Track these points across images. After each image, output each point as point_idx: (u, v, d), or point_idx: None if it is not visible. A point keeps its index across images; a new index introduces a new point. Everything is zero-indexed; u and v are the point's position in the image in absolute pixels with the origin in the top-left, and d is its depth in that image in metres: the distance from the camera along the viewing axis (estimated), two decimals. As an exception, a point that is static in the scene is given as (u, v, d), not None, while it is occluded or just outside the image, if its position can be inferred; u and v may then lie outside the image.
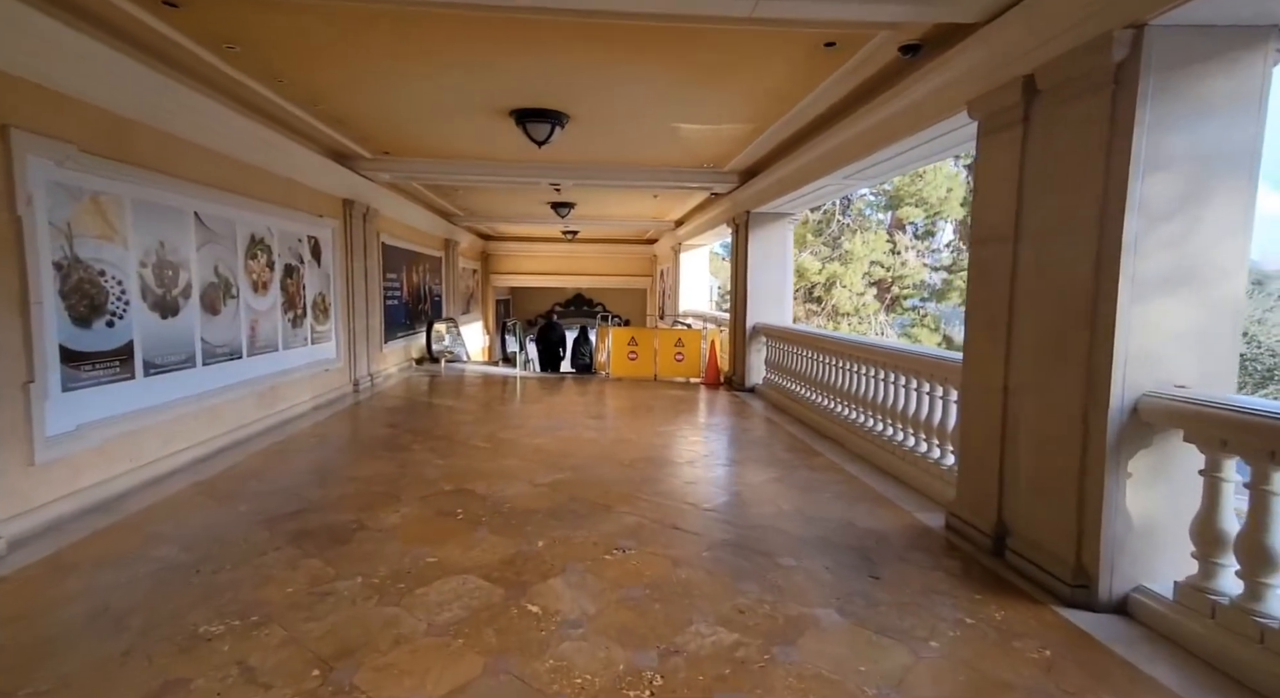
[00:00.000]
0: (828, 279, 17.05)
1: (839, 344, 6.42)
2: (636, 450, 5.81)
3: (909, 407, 4.98)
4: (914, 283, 17.25)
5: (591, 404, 8.23)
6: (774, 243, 9.15)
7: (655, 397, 8.79)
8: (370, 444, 5.94)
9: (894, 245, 17.28)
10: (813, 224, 18.17)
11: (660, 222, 15.29)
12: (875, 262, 16.92)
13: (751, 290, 9.14)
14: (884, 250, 16.90)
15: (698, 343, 10.38)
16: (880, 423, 5.52)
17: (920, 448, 4.83)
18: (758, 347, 9.20)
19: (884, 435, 5.35)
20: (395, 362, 10.99)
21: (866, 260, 16.73)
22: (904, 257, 17.39)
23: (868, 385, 5.76)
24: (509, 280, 21.53)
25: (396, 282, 11.04)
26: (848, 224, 17.50)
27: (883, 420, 5.47)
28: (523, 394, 9.01)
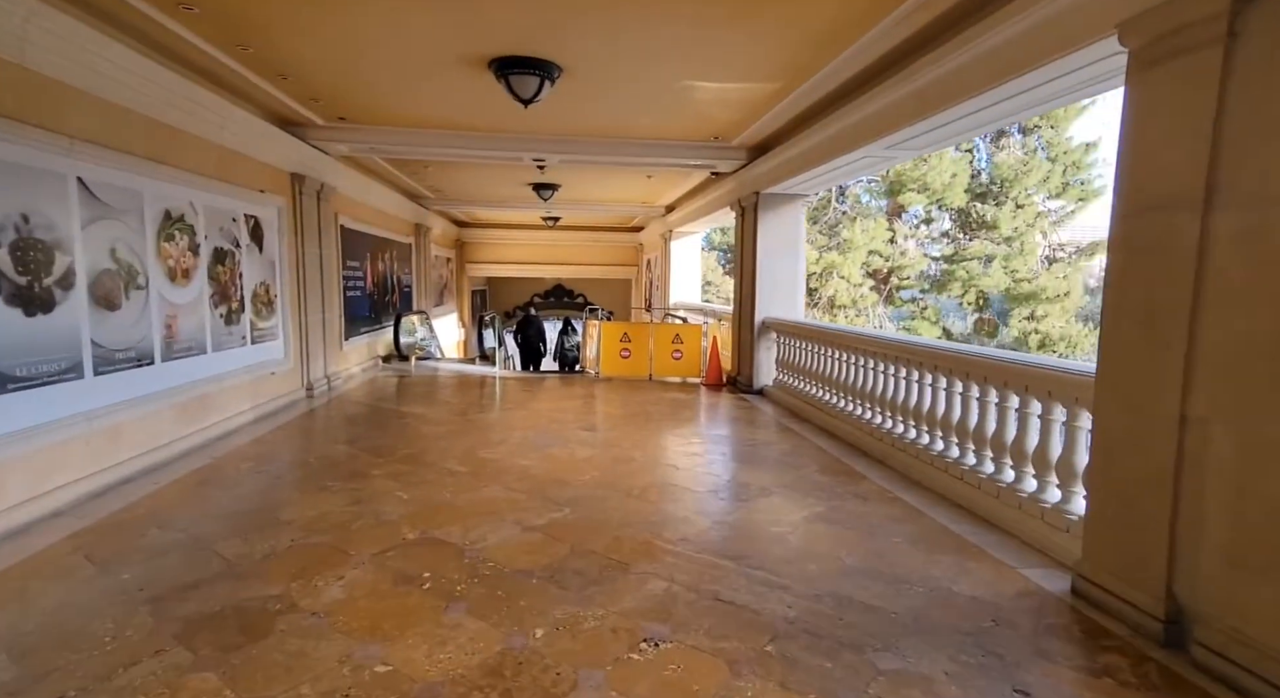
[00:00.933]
0: (824, 269, 16.20)
1: (884, 345, 5.47)
2: (644, 474, 4.81)
3: (1000, 430, 4.02)
4: (914, 273, 16.49)
5: (583, 410, 7.20)
6: (786, 228, 8.19)
7: (653, 401, 7.80)
8: (319, 469, 4.84)
9: (893, 234, 16.48)
10: (808, 211, 17.33)
11: (650, 207, 14.24)
12: (873, 251, 16.10)
13: (761, 281, 8.17)
14: (884, 239, 16.07)
15: (697, 340, 9.40)
16: (949, 444, 4.58)
17: (1012, 480, 3.89)
18: (767, 344, 8.25)
19: (955, 459, 4.42)
20: (358, 360, 9.82)
21: (865, 249, 15.89)
22: (903, 246, 16.60)
23: (926, 396, 4.82)
24: (486, 270, 20.32)
25: (359, 271, 9.85)
26: (845, 211, 16.66)
27: (955, 442, 4.52)
28: (504, 398, 7.95)
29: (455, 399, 7.83)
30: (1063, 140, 15.21)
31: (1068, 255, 15.29)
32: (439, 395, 8.07)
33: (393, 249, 11.75)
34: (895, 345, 5.30)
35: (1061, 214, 15.43)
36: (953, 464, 4.37)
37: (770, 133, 7.22)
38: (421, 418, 6.65)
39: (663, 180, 10.59)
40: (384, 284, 11.24)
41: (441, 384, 9.00)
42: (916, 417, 4.92)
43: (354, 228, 9.52)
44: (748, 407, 7.56)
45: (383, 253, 11.13)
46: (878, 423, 5.50)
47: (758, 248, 8.14)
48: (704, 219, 11.87)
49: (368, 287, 10.28)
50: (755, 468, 5.02)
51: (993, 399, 4.13)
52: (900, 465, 4.91)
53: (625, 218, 17.22)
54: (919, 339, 5.44)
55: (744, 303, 8.64)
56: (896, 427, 5.21)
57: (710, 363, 9.14)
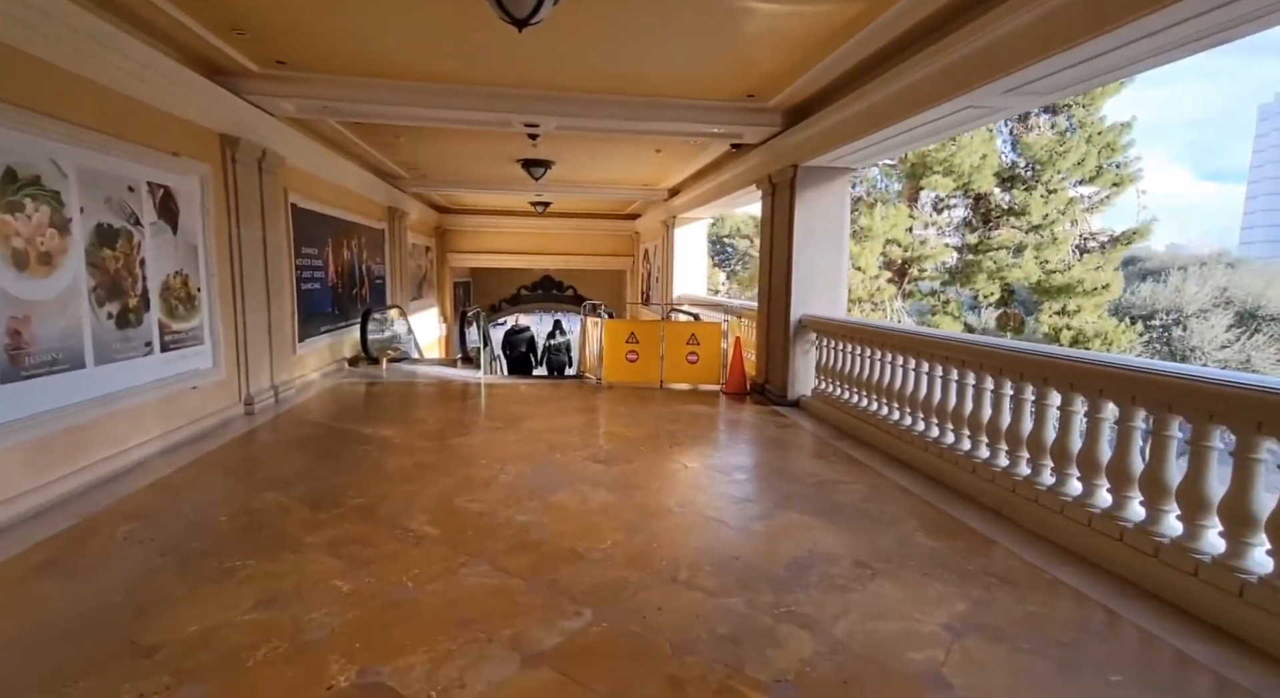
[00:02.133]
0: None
1: (989, 354, 4.14)
2: (686, 537, 3.48)
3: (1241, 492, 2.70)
4: (936, 265, 15.26)
5: (588, 430, 5.84)
6: (830, 208, 6.85)
7: (670, 416, 6.46)
8: (228, 536, 3.44)
9: (913, 221, 15.22)
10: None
11: (651, 190, 12.85)
12: (891, 240, 14.85)
13: (798, 273, 6.84)
14: (904, 227, 14.80)
15: (716, 340, 8.06)
16: (1122, 498, 3.27)
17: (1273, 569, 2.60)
18: (805, 347, 6.93)
19: (1140, 524, 3.12)
20: (318, 364, 8.36)
21: (883, 238, 14.61)
22: (923, 234, 15.34)
23: (1076, 428, 3.51)
24: (469, 260, 18.82)
25: (318, 259, 8.37)
26: (861, 197, 15.36)
27: (1139, 500, 3.21)
28: (491, 413, 6.56)
29: (431, 415, 6.42)
30: (1095, 120, 14.03)
31: (1100, 245, 14.16)
32: (411, 409, 6.66)
33: (361, 235, 10.27)
34: (1007, 354, 3.99)
35: (1095, 200, 14.27)
36: (1139, 531, 3.08)
37: (818, 90, 5.87)
38: (386, 444, 5.24)
39: (672, 156, 9.19)
40: (350, 275, 9.76)
41: (416, 393, 7.58)
42: (1058, 457, 3.62)
43: (311, 209, 8.03)
44: (785, 423, 6.24)
45: (349, 239, 9.65)
46: (984, 458, 4.21)
47: (794, 233, 6.79)
48: (716, 203, 10.51)
49: (329, 278, 8.81)
50: (834, 524, 3.70)
51: (1176, 433, 2.87)
52: (1034, 522, 3.62)
53: (622, 204, 15.82)
54: (1053, 349, 4.13)
55: (774, 298, 7.30)
56: (1018, 465, 3.91)
57: (733, 368, 7.81)
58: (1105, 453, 3.33)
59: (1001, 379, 4.09)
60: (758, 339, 7.90)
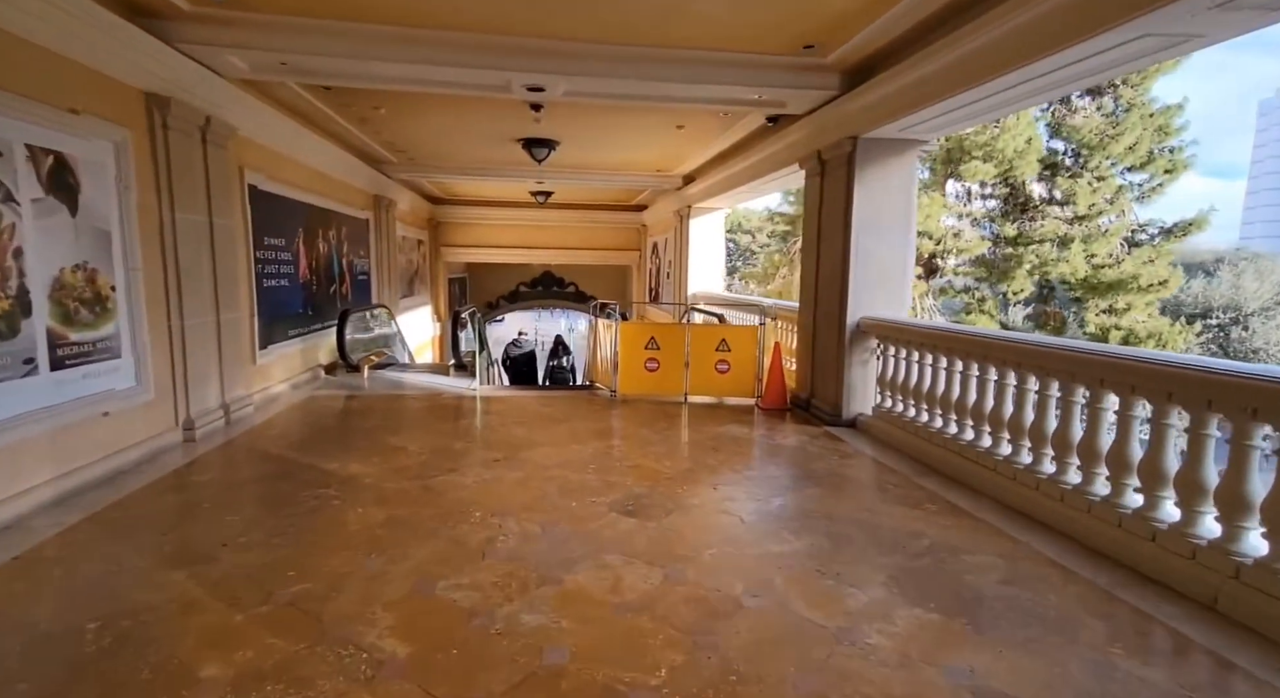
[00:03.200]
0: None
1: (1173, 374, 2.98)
2: (784, 667, 2.33)
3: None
4: (969, 258, 14.07)
5: (608, 465, 4.68)
6: (895, 190, 5.70)
7: (708, 441, 5.32)
8: (81, 669, 2.30)
9: (945, 211, 14.04)
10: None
11: (665, 176, 11.68)
12: (923, 232, 13.68)
13: (856, 267, 5.69)
14: (938, 217, 13.62)
15: (751, 347, 6.91)
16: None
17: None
18: (864, 356, 5.79)
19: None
20: (286, 374, 7.20)
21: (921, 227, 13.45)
22: (956, 226, 14.15)
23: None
24: (465, 255, 17.65)
25: (286, 251, 7.20)
26: None
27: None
28: (486, 438, 5.40)
29: (414, 440, 5.26)
30: (1145, 102, 12.86)
31: (1150, 237, 13.01)
32: (391, 432, 5.50)
33: (341, 226, 9.09)
34: (1193, 374, 2.82)
35: (1146, 188, 13.11)
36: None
37: (895, 38, 4.71)
38: (352, 487, 4.09)
39: (697, 132, 8.00)
40: (328, 270, 8.59)
41: (399, 409, 6.42)
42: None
43: (276, 192, 6.86)
44: (846, 451, 5.10)
45: (325, 229, 8.48)
46: (1168, 520, 3.07)
47: (852, 219, 5.64)
48: (742, 189, 9.33)
49: (301, 273, 7.64)
50: (985, 635, 2.55)
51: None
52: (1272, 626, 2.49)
53: (629, 193, 14.65)
54: (1252, 368, 2.98)
55: (823, 297, 6.16)
56: (1240, 537, 2.77)
57: (771, 379, 6.66)
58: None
59: (1167, 407, 2.96)
60: (800, 346, 6.76)
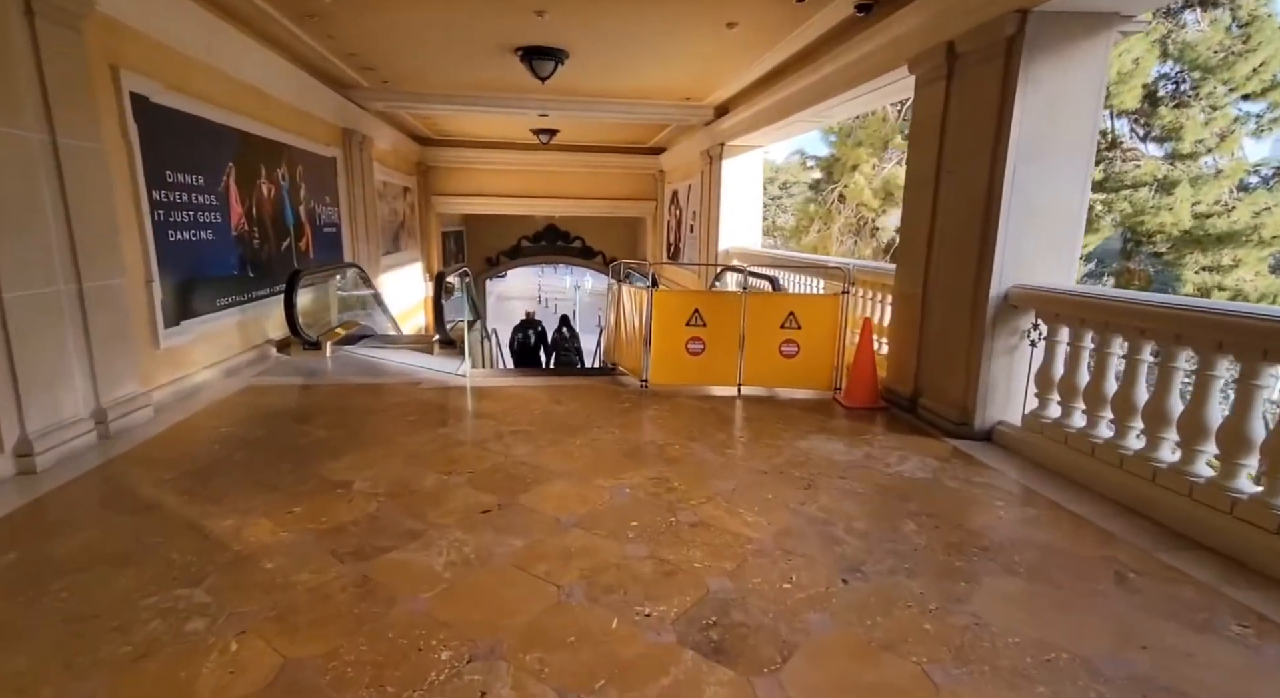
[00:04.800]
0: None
1: None
2: None
3: None
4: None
5: (659, 519, 3.01)
6: (1077, 95, 3.82)
7: (792, 467, 3.66)
8: None
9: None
10: (889, 116, 12.48)
11: (694, 107, 9.69)
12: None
13: (1012, 212, 3.88)
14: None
15: (830, 323, 5.16)
16: None
17: None
18: (1011, 340, 4.06)
19: None
20: (215, 356, 5.50)
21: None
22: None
23: None
24: (460, 205, 15.70)
25: (208, 193, 5.40)
26: None
27: None
28: (471, 463, 3.71)
29: (365, 469, 3.60)
30: (1269, 15, 10.59)
31: (1264, 180, 10.98)
32: (335, 452, 3.83)
33: (296, 164, 7.25)
34: None
35: (1263, 121, 10.94)
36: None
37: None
38: (234, 586, 2.44)
39: (755, 29, 5.98)
40: (277, 220, 6.80)
41: (358, 411, 4.74)
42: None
43: (185, 110, 5.03)
44: (1005, 490, 3.43)
45: (272, 167, 6.64)
46: None
47: (1009, 141, 3.80)
48: (796, 117, 7.38)
49: (235, 223, 5.86)
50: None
51: None
52: None
53: (647, 131, 12.63)
54: None
55: (940, 257, 4.40)
56: None
57: (860, 368, 4.95)
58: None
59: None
60: (897, 325, 5.01)
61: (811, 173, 17.61)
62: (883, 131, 12.66)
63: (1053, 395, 3.82)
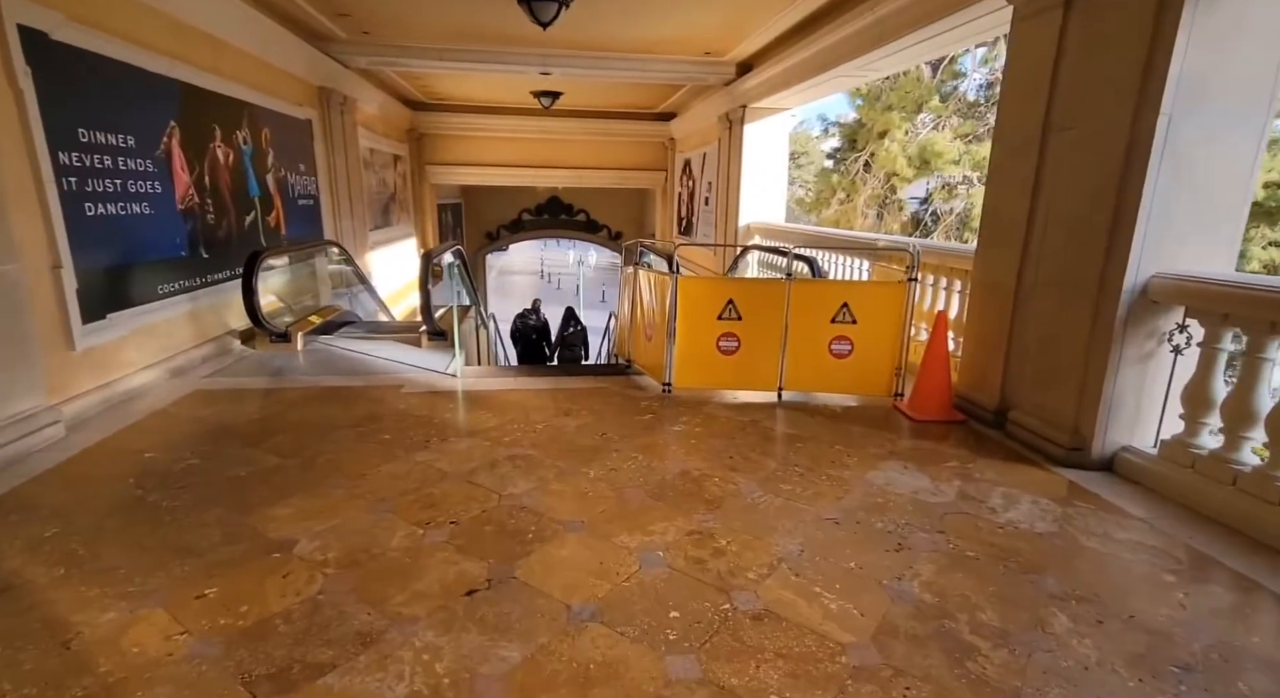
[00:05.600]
0: (973, 169, 10.67)
1: None
2: None
3: None
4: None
5: (707, 606, 2.18)
6: (1255, 27, 2.89)
7: (867, 511, 2.82)
8: None
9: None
10: (939, 83, 11.38)
11: (713, 62, 8.66)
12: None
13: (1160, 180, 2.96)
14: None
15: (894, 316, 4.26)
16: None
17: None
18: (1148, 345, 3.17)
19: None
20: (156, 354, 4.63)
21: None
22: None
23: None
24: (456, 175, 14.68)
25: (143, 158, 4.47)
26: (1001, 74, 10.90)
27: None
28: (458, 511, 2.88)
29: (315, 519, 2.76)
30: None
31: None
32: (282, 491, 2.98)
33: (261, 126, 6.29)
34: None
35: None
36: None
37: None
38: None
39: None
40: (237, 191, 5.87)
41: (320, 427, 3.88)
42: None
43: (104, 53, 4.08)
44: (1150, 544, 2.59)
45: (229, 128, 5.70)
46: None
47: (1166, 83, 2.86)
48: (836, 71, 6.38)
49: (180, 194, 4.94)
50: None
51: None
52: None
53: (658, 94, 11.56)
54: None
55: (1043, 237, 3.49)
56: None
57: (932, 372, 4.07)
58: None
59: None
60: (978, 318, 4.12)
61: (828, 140, 16.47)
62: (916, 93, 11.61)
63: (1210, 418, 2.95)
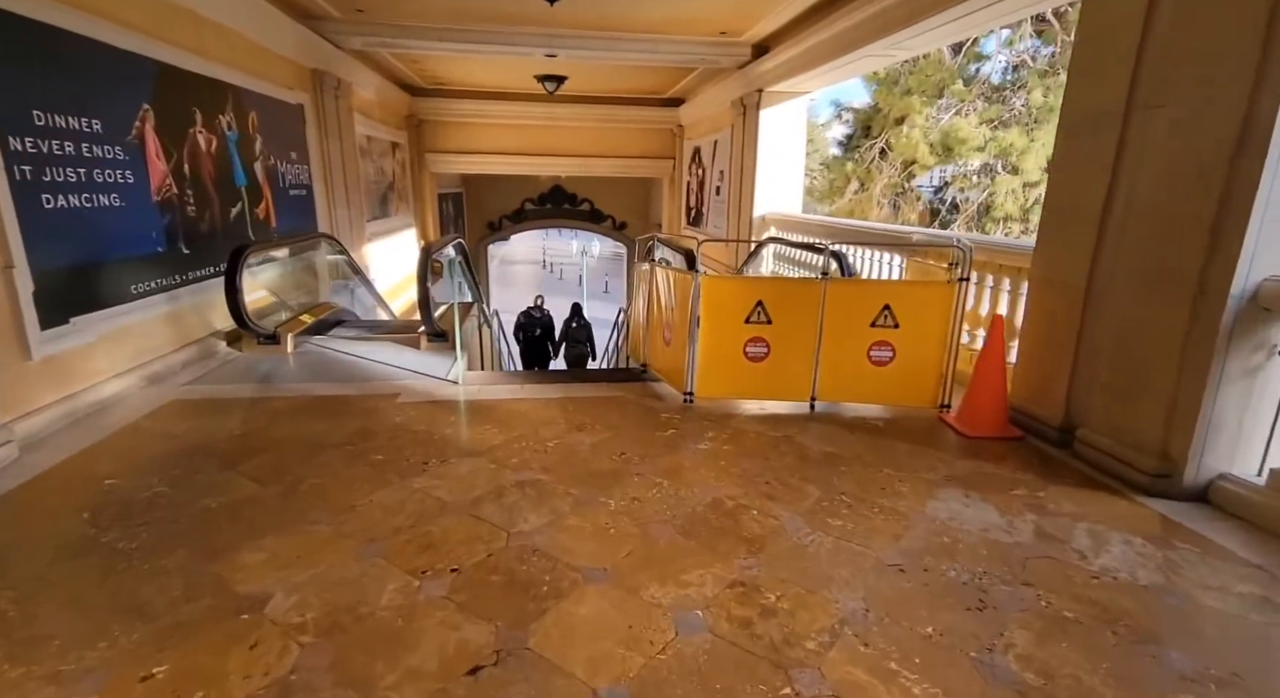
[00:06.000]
0: (999, 156, 10.16)
1: None
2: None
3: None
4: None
5: (752, 663, 1.78)
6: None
7: (935, 552, 2.41)
8: None
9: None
10: (961, 66, 10.94)
11: (728, 43, 8.18)
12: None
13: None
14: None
15: (940, 319, 3.84)
16: None
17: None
18: (1254, 359, 2.75)
19: None
20: (130, 361, 4.23)
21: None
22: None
23: None
24: (456, 164, 14.22)
25: (112, 144, 4.05)
26: (1033, 55, 10.17)
27: None
28: (460, 554, 2.48)
29: (300, 561, 2.37)
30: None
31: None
32: (258, 528, 2.60)
33: (247, 109, 5.86)
34: None
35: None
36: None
37: None
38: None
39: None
40: (222, 181, 5.45)
41: (309, 443, 3.49)
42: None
43: (67, 27, 3.66)
44: (1275, 601, 2.19)
45: (213, 113, 5.27)
46: None
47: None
48: (880, 43, 5.90)
49: (155, 185, 4.52)
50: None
51: None
52: None
53: (666, 79, 11.07)
54: None
55: (1121, 231, 3.07)
56: None
57: (987, 382, 3.65)
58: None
59: None
60: (1037, 322, 3.69)
61: (836, 127, 15.94)
62: (938, 77, 11.10)
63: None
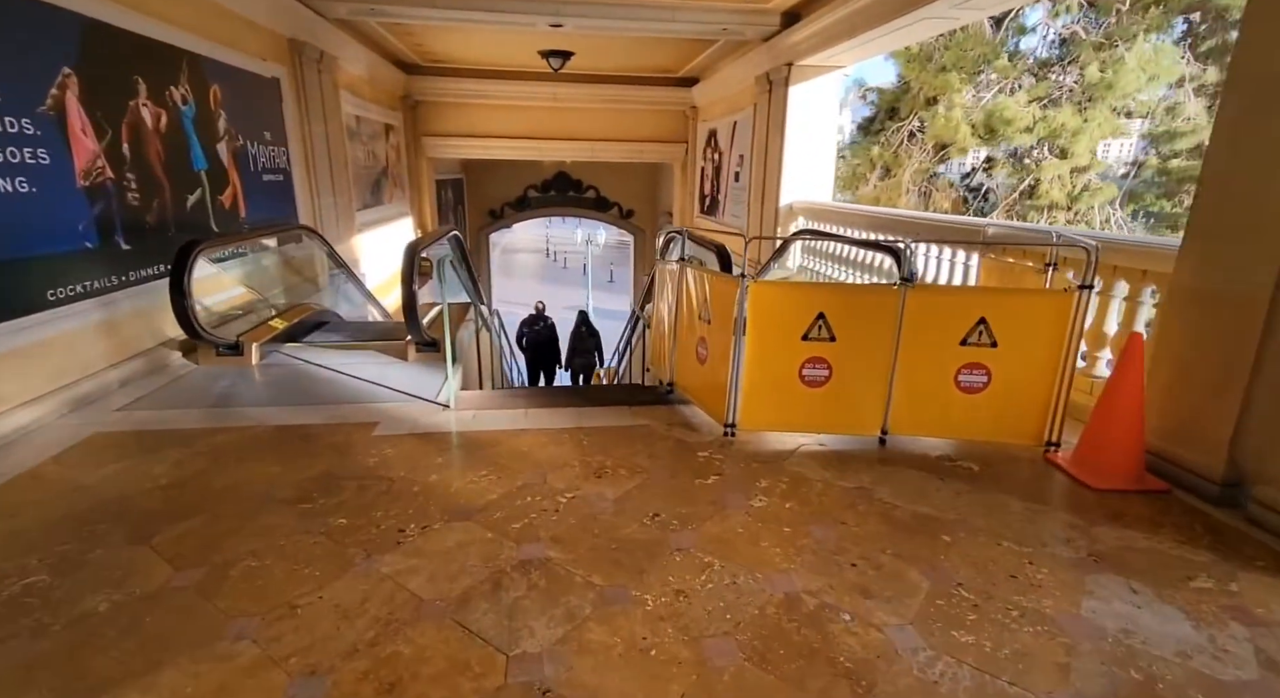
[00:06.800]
0: (1046, 137, 9.28)
1: None
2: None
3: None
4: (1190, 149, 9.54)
5: None
6: None
7: (1106, 688, 1.66)
8: None
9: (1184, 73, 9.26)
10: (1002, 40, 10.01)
11: (753, 11, 7.31)
12: (1120, 107, 9.11)
13: None
14: (1170, 79, 8.94)
15: (1055, 338, 3.05)
16: None
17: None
18: None
19: None
20: (51, 381, 3.47)
21: (1131, 99, 8.83)
22: (1176, 96, 9.48)
23: None
24: (456, 148, 13.36)
25: (16, 118, 3.26)
26: (1083, 28, 9.29)
27: None
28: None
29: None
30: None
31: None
32: (162, 644, 1.86)
33: (208, 81, 5.05)
34: None
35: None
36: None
37: None
38: None
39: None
40: (175, 164, 4.65)
41: (253, 498, 2.73)
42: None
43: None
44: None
45: (162, 82, 4.46)
46: None
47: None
48: (948, 1, 5.05)
49: (80, 167, 3.74)
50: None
51: None
52: None
53: (679, 55, 10.17)
54: None
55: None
56: None
57: (1122, 420, 2.86)
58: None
59: None
60: (1185, 343, 2.90)
61: (856, 108, 15.00)
62: (978, 52, 10.17)
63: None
